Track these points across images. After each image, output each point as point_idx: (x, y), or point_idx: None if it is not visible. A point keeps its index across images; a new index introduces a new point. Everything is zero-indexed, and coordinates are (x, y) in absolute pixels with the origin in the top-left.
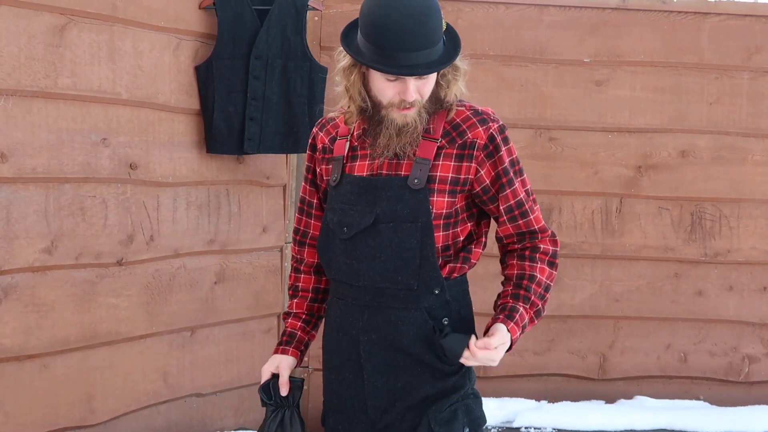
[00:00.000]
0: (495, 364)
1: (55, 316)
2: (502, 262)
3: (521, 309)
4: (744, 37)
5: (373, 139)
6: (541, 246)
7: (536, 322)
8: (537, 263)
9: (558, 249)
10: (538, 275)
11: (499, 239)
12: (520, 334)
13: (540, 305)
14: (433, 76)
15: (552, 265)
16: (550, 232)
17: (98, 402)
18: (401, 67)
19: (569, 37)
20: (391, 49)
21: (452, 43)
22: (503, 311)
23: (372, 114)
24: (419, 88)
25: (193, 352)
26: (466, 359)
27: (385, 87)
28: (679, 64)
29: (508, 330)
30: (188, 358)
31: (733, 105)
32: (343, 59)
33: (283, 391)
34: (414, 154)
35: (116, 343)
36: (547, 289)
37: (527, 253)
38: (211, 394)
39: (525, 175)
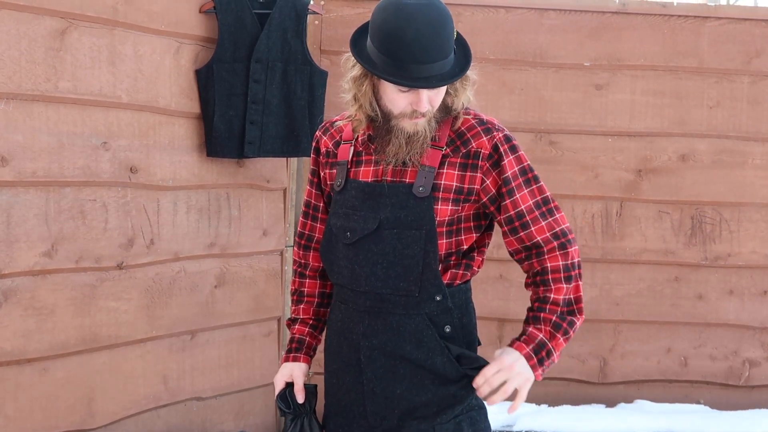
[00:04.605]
0: (510, 386)
1: (55, 320)
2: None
3: (530, 329)
4: (744, 41)
5: (381, 147)
6: (549, 265)
7: (561, 336)
8: (550, 284)
9: (571, 261)
10: (552, 295)
11: (510, 255)
12: (540, 351)
13: (555, 319)
14: (444, 87)
15: (569, 279)
16: (557, 244)
17: (98, 405)
18: (416, 80)
19: (569, 41)
20: (406, 61)
21: (463, 52)
22: (512, 339)
23: (381, 123)
24: (431, 98)
25: (193, 355)
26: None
27: (397, 98)
28: (679, 67)
29: (515, 348)
30: (188, 361)
31: (733, 109)
32: (353, 68)
33: (300, 398)
34: (419, 162)
35: (116, 347)
36: (569, 303)
37: (538, 278)
38: (211, 397)
39: (538, 184)
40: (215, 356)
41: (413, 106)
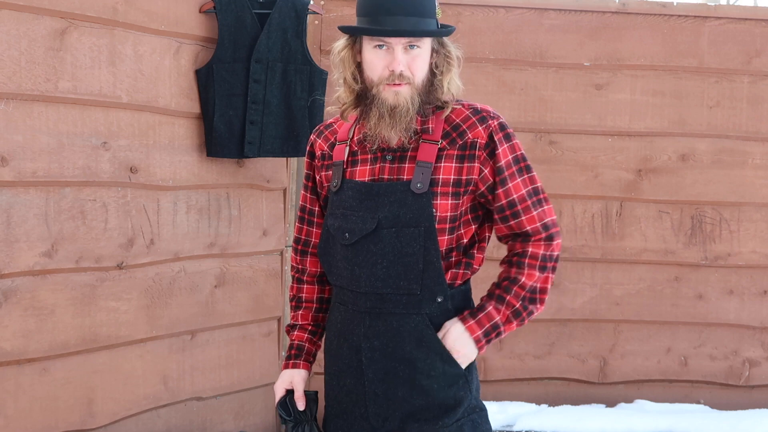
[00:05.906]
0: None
1: (55, 320)
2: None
3: (490, 308)
4: (744, 40)
5: (367, 125)
6: (530, 250)
7: (517, 322)
8: (524, 268)
9: (552, 252)
10: (523, 279)
11: (498, 239)
12: (490, 333)
13: (518, 306)
14: (425, 54)
15: (543, 269)
16: (545, 234)
17: (98, 405)
18: (385, 29)
19: (569, 41)
20: (379, 14)
21: (444, 28)
22: (470, 310)
23: (365, 96)
24: (409, 63)
25: (193, 355)
26: None
27: (374, 59)
28: (679, 67)
29: (466, 329)
30: (188, 361)
31: (733, 108)
32: (339, 45)
33: (300, 405)
34: (415, 158)
35: (116, 347)
36: (533, 291)
37: (515, 259)
38: (212, 397)
39: (531, 174)
40: (215, 356)
41: (389, 68)
